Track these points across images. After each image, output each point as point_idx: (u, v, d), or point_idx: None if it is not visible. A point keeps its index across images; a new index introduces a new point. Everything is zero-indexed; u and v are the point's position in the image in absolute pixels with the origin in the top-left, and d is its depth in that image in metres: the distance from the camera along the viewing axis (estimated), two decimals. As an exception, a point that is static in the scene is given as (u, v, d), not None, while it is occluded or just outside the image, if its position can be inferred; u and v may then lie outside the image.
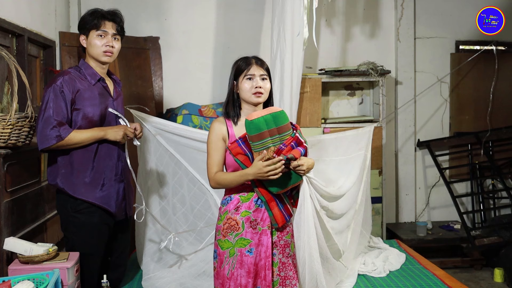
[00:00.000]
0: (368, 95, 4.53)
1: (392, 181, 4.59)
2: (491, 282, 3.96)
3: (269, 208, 2.16)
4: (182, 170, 3.10)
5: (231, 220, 2.18)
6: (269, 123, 2.05)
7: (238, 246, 2.15)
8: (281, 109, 2.12)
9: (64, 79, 2.38)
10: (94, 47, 2.49)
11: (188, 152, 3.05)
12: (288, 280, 2.21)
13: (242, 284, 2.12)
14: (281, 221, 2.17)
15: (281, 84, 3.51)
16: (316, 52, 4.34)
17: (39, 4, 3.33)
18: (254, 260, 2.13)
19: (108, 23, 2.51)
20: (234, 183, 2.14)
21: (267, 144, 2.07)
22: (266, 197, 2.15)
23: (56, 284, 2.08)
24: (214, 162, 2.18)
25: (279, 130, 2.08)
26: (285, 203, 2.20)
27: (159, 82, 4.26)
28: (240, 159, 2.14)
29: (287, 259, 2.22)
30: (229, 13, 4.33)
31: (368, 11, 4.53)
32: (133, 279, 3.08)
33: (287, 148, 2.09)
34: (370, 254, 3.35)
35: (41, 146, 2.32)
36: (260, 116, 2.05)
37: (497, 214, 4.62)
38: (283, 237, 2.22)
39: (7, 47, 2.83)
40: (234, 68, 2.23)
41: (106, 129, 2.47)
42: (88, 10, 2.57)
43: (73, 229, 2.48)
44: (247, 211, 2.17)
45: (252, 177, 2.08)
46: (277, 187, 2.12)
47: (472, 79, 4.66)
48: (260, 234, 2.16)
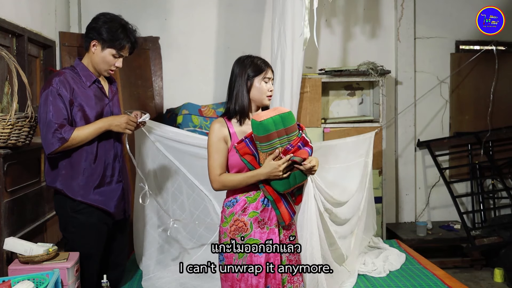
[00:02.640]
0: (368, 95, 4.52)
1: (392, 181, 4.58)
2: (491, 282, 3.96)
3: (277, 207, 2.15)
4: (181, 177, 3.11)
5: (239, 221, 2.16)
6: (277, 124, 2.04)
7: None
8: (289, 110, 2.10)
9: (59, 79, 2.35)
10: (103, 63, 2.45)
11: (186, 159, 3.05)
12: (296, 277, 2.22)
13: (253, 284, 2.11)
14: (288, 219, 2.17)
15: (281, 84, 3.51)
16: (316, 52, 4.34)
17: (39, 4, 3.33)
18: (263, 259, 2.13)
19: (127, 47, 2.47)
20: (244, 183, 2.12)
21: (275, 145, 2.06)
22: (274, 196, 2.13)
23: (56, 284, 2.08)
24: (217, 163, 2.14)
25: (287, 130, 2.08)
26: (289, 201, 2.21)
27: (159, 82, 4.26)
28: (247, 159, 2.10)
29: (294, 256, 2.22)
30: (229, 13, 4.33)
31: (368, 11, 4.53)
32: (133, 279, 3.08)
33: (294, 148, 2.09)
34: (370, 254, 3.35)
35: (47, 151, 2.31)
36: (270, 117, 2.02)
37: (497, 214, 4.62)
38: (289, 235, 2.22)
39: (7, 47, 2.83)
40: (251, 67, 2.16)
41: (109, 119, 2.45)
42: (116, 19, 2.46)
43: (72, 230, 2.48)
44: (254, 212, 2.15)
45: (264, 177, 2.07)
46: (284, 186, 2.11)
47: (472, 79, 4.66)
48: (268, 233, 2.15)
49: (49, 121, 2.29)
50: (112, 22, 2.43)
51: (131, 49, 2.51)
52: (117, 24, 2.43)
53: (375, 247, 3.55)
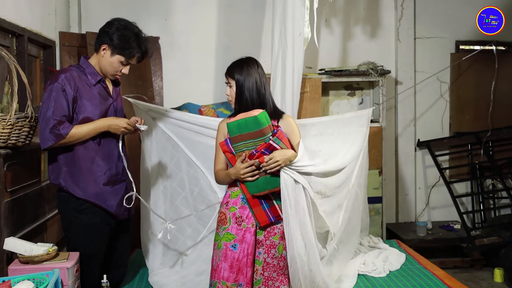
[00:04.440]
0: (368, 95, 4.53)
1: (392, 181, 4.58)
2: (491, 282, 3.96)
3: (250, 207, 2.23)
4: (180, 153, 3.13)
5: (222, 213, 2.31)
6: (241, 128, 2.13)
7: (224, 240, 2.24)
8: (257, 114, 2.13)
9: (66, 76, 2.37)
10: (110, 68, 2.46)
11: (186, 134, 3.08)
12: (271, 281, 2.23)
13: (224, 277, 2.19)
14: (263, 221, 2.22)
15: (282, 84, 3.51)
16: (316, 52, 4.34)
17: (39, 4, 3.32)
18: (237, 256, 2.19)
19: (137, 56, 2.48)
20: (225, 181, 2.33)
21: (241, 147, 2.17)
22: (247, 196, 2.24)
23: (56, 284, 2.08)
24: (218, 159, 2.36)
25: (252, 135, 2.13)
26: (273, 204, 2.23)
27: (159, 82, 4.26)
28: (227, 156, 2.26)
29: (272, 260, 2.24)
30: (229, 13, 4.33)
31: (368, 11, 4.53)
32: (133, 279, 3.08)
33: (258, 154, 2.14)
34: (370, 254, 3.35)
35: (43, 145, 2.32)
36: (235, 120, 2.15)
37: (497, 214, 4.62)
38: (270, 237, 2.25)
39: (7, 47, 2.83)
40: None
41: (108, 120, 2.46)
42: (130, 26, 2.46)
43: (74, 229, 2.49)
44: (234, 207, 2.27)
45: (233, 177, 2.23)
46: (253, 189, 2.20)
47: (472, 79, 4.66)
48: (244, 231, 2.23)
49: (49, 116, 2.29)
50: (125, 30, 2.43)
51: (140, 58, 2.52)
52: (130, 33, 2.43)
53: (375, 247, 3.54)
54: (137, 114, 3.12)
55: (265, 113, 2.17)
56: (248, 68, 2.27)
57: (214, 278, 2.23)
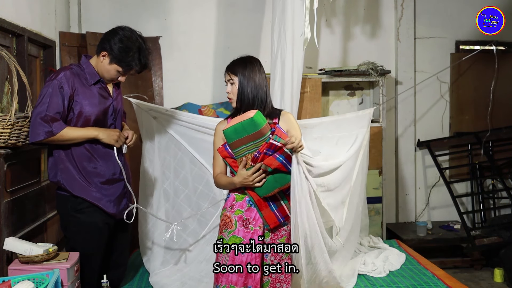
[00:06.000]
0: (368, 95, 4.52)
1: (392, 181, 4.58)
2: (491, 282, 3.96)
3: (259, 209, 2.18)
4: (182, 151, 3.13)
5: (227, 217, 2.24)
6: (239, 132, 2.07)
7: (232, 243, 2.19)
8: (253, 115, 2.07)
9: (65, 74, 2.38)
10: (107, 74, 2.46)
11: (188, 132, 3.09)
12: (279, 283, 2.21)
13: (233, 281, 2.16)
14: (273, 222, 2.18)
15: (282, 84, 3.51)
16: (316, 52, 4.34)
17: (39, 4, 3.32)
18: (246, 259, 2.15)
19: (135, 70, 2.47)
20: (227, 188, 2.29)
21: (242, 152, 2.12)
22: (255, 198, 2.18)
23: (56, 284, 2.08)
24: (216, 163, 2.29)
25: (252, 137, 2.08)
26: (280, 205, 2.20)
27: (159, 82, 4.26)
28: (228, 161, 2.21)
29: (279, 262, 2.22)
30: (229, 13, 4.33)
31: (368, 11, 4.53)
32: (133, 279, 3.08)
33: (261, 156, 2.09)
34: (370, 254, 3.35)
35: (31, 139, 2.33)
36: (231, 126, 2.09)
37: (497, 214, 4.62)
38: (277, 239, 2.22)
39: (7, 47, 2.83)
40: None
41: (100, 130, 2.46)
42: (133, 38, 2.42)
43: (73, 229, 2.49)
44: (240, 210, 2.22)
45: (239, 185, 2.18)
46: (263, 191, 2.15)
47: (472, 79, 4.66)
48: (252, 233, 2.18)
49: (41, 111, 2.30)
50: (128, 41, 2.40)
51: (139, 71, 2.52)
52: (132, 45, 2.40)
53: (375, 247, 3.55)
54: (138, 113, 3.13)
55: (260, 113, 2.11)
56: (251, 66, 2.25)
57: (221, 282, 2.17)
